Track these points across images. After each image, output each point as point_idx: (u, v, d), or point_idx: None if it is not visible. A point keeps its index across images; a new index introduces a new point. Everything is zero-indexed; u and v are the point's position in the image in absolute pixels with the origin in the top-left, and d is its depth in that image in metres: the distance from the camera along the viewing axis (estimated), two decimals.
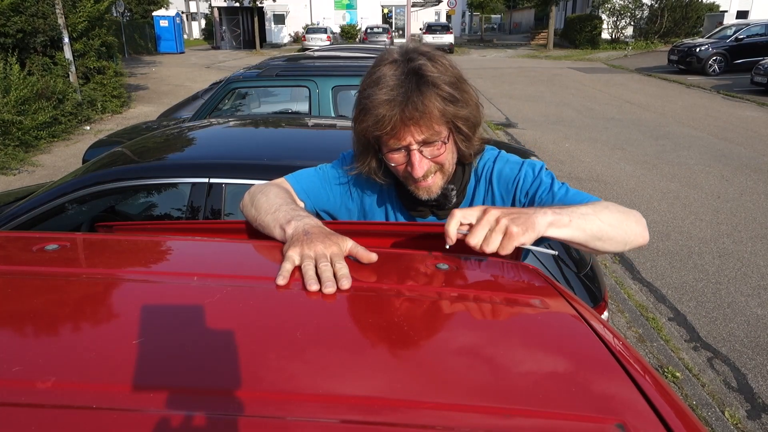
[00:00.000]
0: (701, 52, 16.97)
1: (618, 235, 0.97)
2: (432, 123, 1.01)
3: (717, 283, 4.05)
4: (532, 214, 0.90)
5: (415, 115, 0.98)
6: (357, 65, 4.64)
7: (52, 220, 2.24)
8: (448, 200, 1.13)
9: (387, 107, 0.98)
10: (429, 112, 0.99)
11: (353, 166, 1.17)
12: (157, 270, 0.87)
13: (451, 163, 1.10)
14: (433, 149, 1.04)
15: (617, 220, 0.98)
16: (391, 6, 35.68)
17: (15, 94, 7.92)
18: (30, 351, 0.59)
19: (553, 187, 1.08)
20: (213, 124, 2.97)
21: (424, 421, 0.51)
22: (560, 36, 30.71)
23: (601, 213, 0.96)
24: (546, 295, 0.82)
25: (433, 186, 1.09)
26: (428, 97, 0.98)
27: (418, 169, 1.04)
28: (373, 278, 0.82)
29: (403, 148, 1.04)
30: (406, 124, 1.00)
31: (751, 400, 2.86)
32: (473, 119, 1.07)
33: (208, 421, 0.48)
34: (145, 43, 26.20)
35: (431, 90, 0.99)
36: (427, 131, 1.01)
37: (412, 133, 1.01)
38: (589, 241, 0.95)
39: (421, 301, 0.76)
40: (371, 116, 1.00)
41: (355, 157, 1.17)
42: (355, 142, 1.14)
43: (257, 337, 0.64)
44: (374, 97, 1.00)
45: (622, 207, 1.03)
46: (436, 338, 0.66)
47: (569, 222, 0.92)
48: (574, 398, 0.55)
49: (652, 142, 8.44)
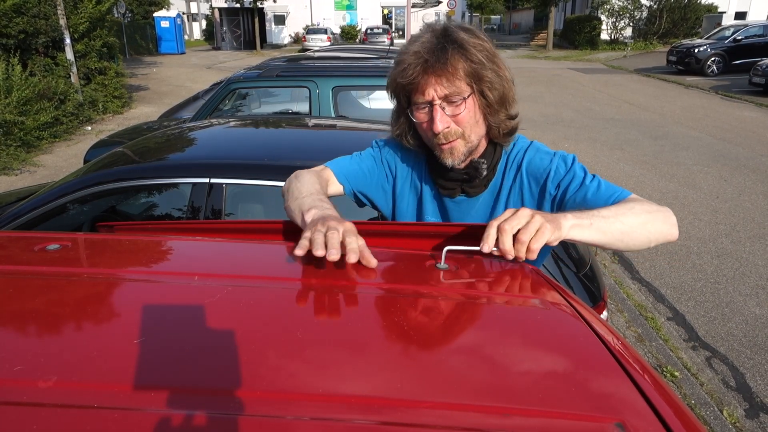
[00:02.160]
0: (700, 53, 16.98)
1: (641, 236, 0.99)
2: (454, 78, 1.05)
3: (715, 282, 4.06)
4: (558, 216, 0.93)
5: (437, 66, 1.03)
6: (357, 66, 4.65)
7: (54, 220, 2.24)
8: (479, 173, 1.15)
9: (413, 57, 1.05)
10: (452, 66, 1.04)
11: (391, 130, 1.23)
12: (158, 270, 0.87)
13: (474, 129, 1.12)
14: (453, 107, 1.07)
15: (641, 221, 0.99)
16: (391, 7, 35.66)
17: (17, 94, 7.92)
18: (32, 350, 0.59)
19: (585, 180, 1.10)
20: (214, 125, 2.97)
21: (424, 420, 0.51)
22: (559, 37, 30.69)
23: (624, 216, 0.98)
24: (545, 295, 0.82)
25: (456, 150, 1.12)
26: (452, 54, 1.04)
27: (438, 123, 1.07)
28: (373, 278, 0.82)
29: (427, 104, 1.08)
30: (428, 74, 1.05)
31: (749, 399, 2.86)
32: (500, 89, 1.10)
33: (208, 421, 0.48)
34: (146, 44, 26.19)
35: (457, 49, 1.05)
36: (449, 86, 1.05)
37: (434, 86, 1.06)
38: (610, 243, 0.97)
39: (420, 301, 0.76)
40: (400, 65, 1.08)
41: (391, 121, 1.23)
42: (393, 109, 1.21)
43: (257, 337, 0.64)
44: (407, 51, 1.08)
45: (651, 205, 1.03)
46: (435, 338, 0.66)
47: (590, 225, 0.95)
48: (573, 398, 0.55)
49: (651, 143, 8.44)
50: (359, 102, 4.44)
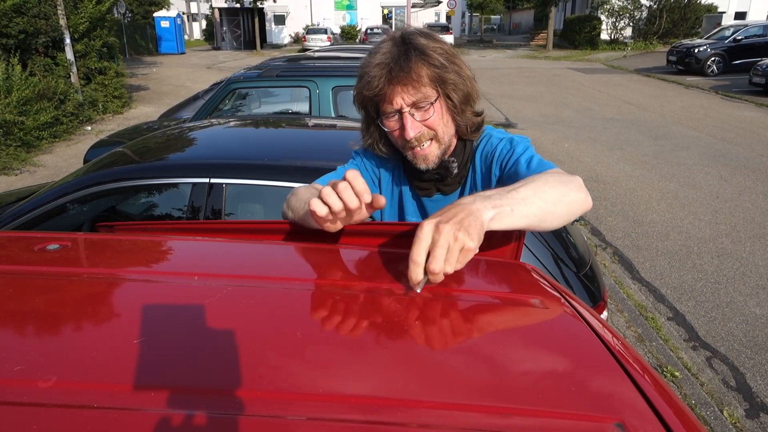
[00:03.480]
0: (700, 53, 16.98)
1: (561, 211, 0.94)
2: (419, 86, 1.07)
3: (716, 282, 4.06)
4: (476, 211, 0.82)
5: (401, 76, 1.06)
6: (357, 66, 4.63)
7: (54, 219, 2.24)
8: (449, 172, 1.18)
9: (377, 69, 1.07)
10: (416, 74, 1.06)
11: (361, 141, 1.24)
12: (158, 270, 0.87)
13: (445, 131, 1.14)
14: (423, 113, 1.10)
15: (559, 194, 0.94)
16: (391, 7, 35.66)
17: (17, 94, 7.92)
18: (32, 350, 0.59)
19: (520, 156, 1.10)
20: (214, 125, 2.97)
21: (423, 420, 0.51)
22: (559, 37, 30.70)
23: (542, 192, 0.91)
24: (545, 295, 0.82)
25: (430, 155, 1.14)
26: (415, 61, 1.06)
27: (409, 130, 1.09)
28: (372, 278, 0.82)
29: (396, 113, 1.10)
30: (394, 84, 1.07)
31: (749, 399, 2.86)
32: (464, 88, 1.12)
33: (208, 421, 0.48)
34: (146, 44, 26.19)
35: (419, 56, 1.06)
36: (416, 93, 1.08)
37: (401, 95, 1.08)
38: (533, 225, 0.90)
39: (419, 301, 0.76)
40: (364, 79, 1.10)
41: (361, 132, 1.25)
42: (362, 117, 1.23)
43: (257, 337, 0.64)
44: (368, 62, 1.10)
45: (564, 176, 0.99)
46: (435, 338, 0.66)
47: (511, 212, 0.86)
48: (573, 398, 0.55)
49: (651, 143, 8.44)
50: None
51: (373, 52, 1.11)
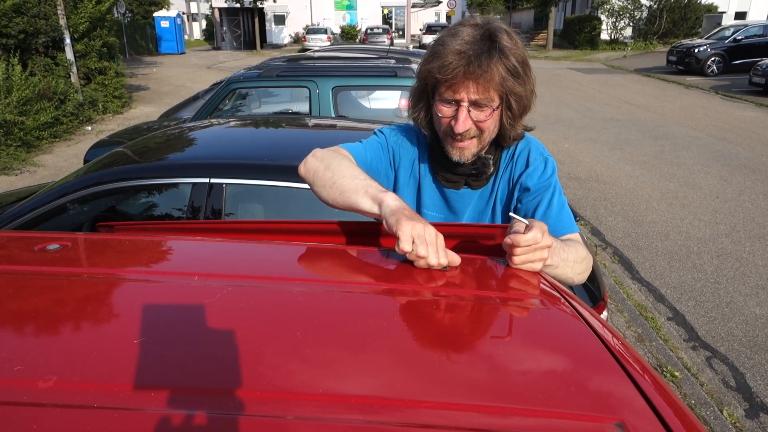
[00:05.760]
0: (700, 53, 16.97)
1: (567, 279, 1.05)
2: (489, 87, 1.06)
3: (716, 282, 4.06)
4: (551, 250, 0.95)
5: (477, 72, 1.04)
6: (357, 66, 4.64)
7: (54, 220, 2.24)
8: (486, 168, 1.19)
9: (456, 57, 1.04)
10: (491, 75, 1.04)
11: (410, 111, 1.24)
12: (158, 270, 0.87)
13: (491, 134, 1.15)
14: (480, 113, 1.09)
15: (577, 271, 1.06)
16: (391, 7, 35.67)
17: (17, 94, 7.92)
18: (32, 350, 0.59)
19: (554, 195, 1.16)
20: (214, 125, 2.97)
21: (423, 420, 0.51)
22: (559, 37, 30.71)
23: (573, 266, 1.04)
24: (545, 295, 0.82)
25: (467, 150, 1.14)
26: (495, 61, 1.04)
27: (461, 125, 1.09)
28: (373, 278, 0.82)
29: (454, 102, 1.09)
30: (467, 78, 1.05)
31: (749, 399, 2.86)
32: (525, 101, 1.13)
33: (208, 421, 0.48)
34: (146, 44, 26.19)
35: (500, 57, 1.04)
36: (483, 93, 1.07)
37: (468, 90, 1.06)
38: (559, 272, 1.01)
39: (421, 301, 0.76)
40: (440, 60, 1.06)
41: (410, 104, 1.24)
42: (414, 88, 1.21)
43: (257, 337, 0.64)
44: (448, 45, 1.05)
45: (584, 250, 1.10)
46: (435, 338, 0.66)
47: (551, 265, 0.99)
48: (573, 397, 0.55)
49: (651, 143, 8.44)
50: (359, 102, 4.44)
51: (454, 34, 1.07)
